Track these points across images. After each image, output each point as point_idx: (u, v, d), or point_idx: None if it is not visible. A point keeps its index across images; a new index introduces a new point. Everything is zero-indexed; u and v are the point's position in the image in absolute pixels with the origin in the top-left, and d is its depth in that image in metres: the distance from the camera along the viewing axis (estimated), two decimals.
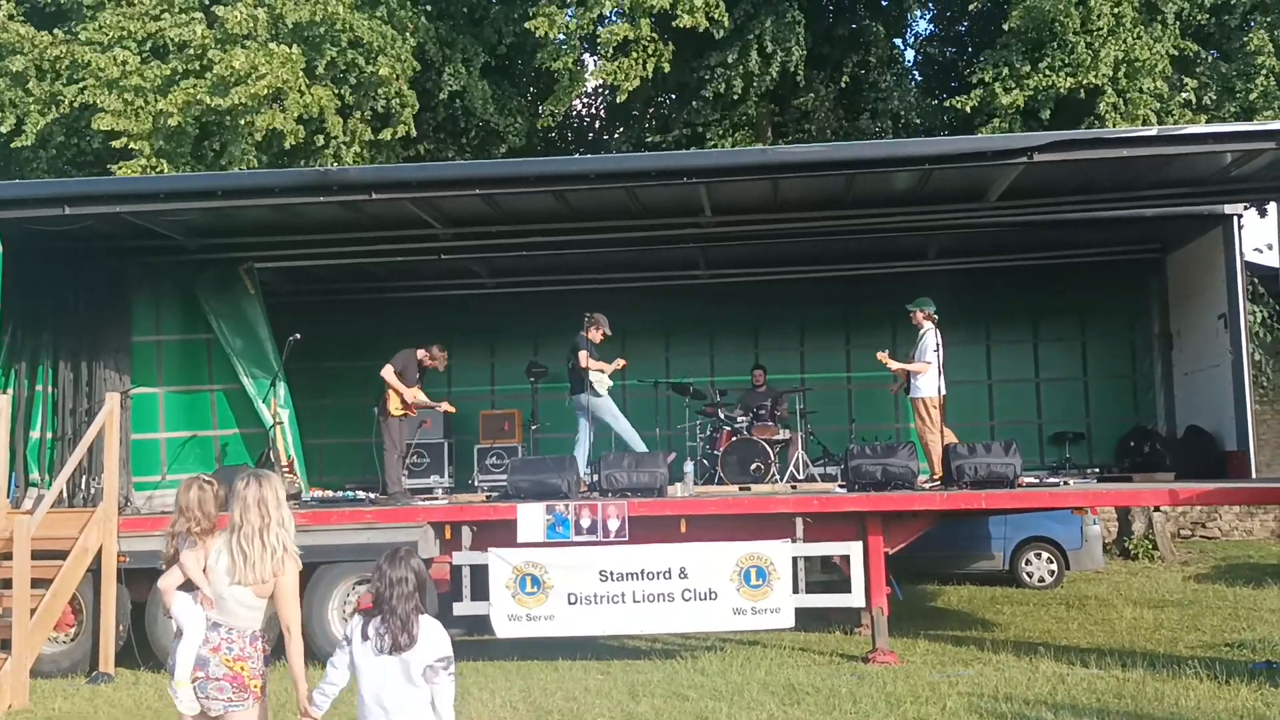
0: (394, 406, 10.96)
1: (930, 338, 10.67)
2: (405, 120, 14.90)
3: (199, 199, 10.45)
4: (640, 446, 11.41)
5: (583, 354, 11.34)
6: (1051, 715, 7.03)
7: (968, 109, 14.13)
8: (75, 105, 14.13)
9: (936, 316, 10.84)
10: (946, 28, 18.39)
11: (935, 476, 10.47)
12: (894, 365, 10.90)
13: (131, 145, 13.87)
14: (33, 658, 8.75)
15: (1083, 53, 13.41)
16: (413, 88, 15.04)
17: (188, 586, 4.99)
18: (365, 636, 4.45)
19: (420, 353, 11.21)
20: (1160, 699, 7.47)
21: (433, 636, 4.47)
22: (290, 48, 13.64)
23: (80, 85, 14.04)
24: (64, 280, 11.76)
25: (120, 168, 14.13)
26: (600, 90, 17.83)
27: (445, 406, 11.82)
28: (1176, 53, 13.81)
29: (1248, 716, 6.94)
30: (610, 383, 11.58)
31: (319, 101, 13.88)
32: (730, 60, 14.72)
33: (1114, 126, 13.30)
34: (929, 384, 10.64)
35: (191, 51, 13.99)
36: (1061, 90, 13.53)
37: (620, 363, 11.68)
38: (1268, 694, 7.50)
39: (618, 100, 14.84)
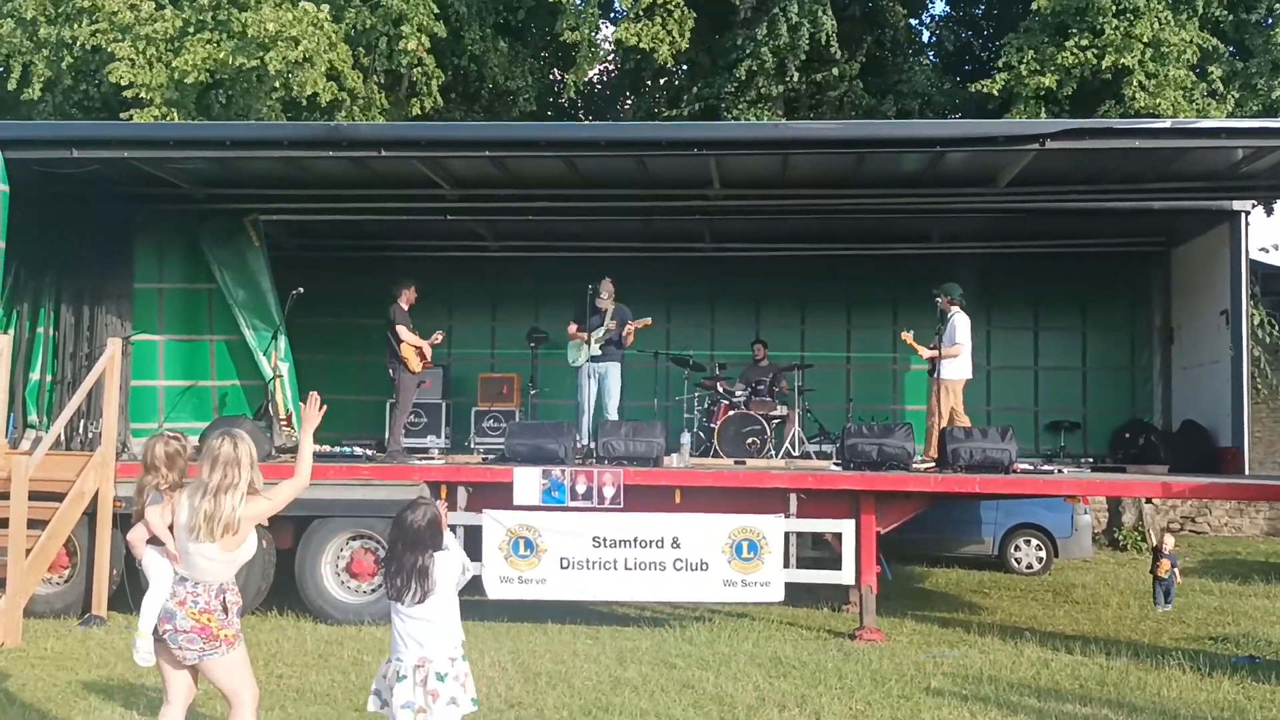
0: (415, 364, 11.05)
1: (959, 322, 10.83)
2: (431, 93, 14.81)
3: (207, 148, 10.45)
4: (585, 424, 11.60)
5: (571, 328, 11.59)
6: (1035, 699, 7.09)
7: (994, 92, 14.01)
8: (88, 47, 14.04)
9: (964, 301, 11.03)
10: (964, 10, 18.29)
11: (929, 456, 10.54)
12: (925, 353, 11.02)
13: (142, 95, 13.80)
14: (26, 598, 8.80)
15: (1111, 34, 13.31)
16: (432, 53, 14.93)
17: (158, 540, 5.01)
18: (388, 584, 4.70)
19: (403, 302, 11.24)
20: (1143, 688, 7.53)
21: (445, 564, 4.74)
22: (318, 8, 13.54)
23: (94, 28, 13.93)
24: (69, 224, 11.75)
25: (130, 115, 14.06)
26: (615, 55, 17.72)
27: (438, 337, 11.78)
28: (1201, 44, 13.74)
29: (1228, 709, 7.00)
30: (585, 354, 11.67)
31: (341, 58, 13.81)
32: (760, 36, 14.58)
33: (1140, 109, 13.23)
34: (954, 368, 10.79)
35: (204, 2, 13.90)
36: (1091, 67, 13.41)
37: (577, 331, 11.75)
38: (1249, 688, 7.57)
39: (659, 62, 14.71)
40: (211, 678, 4.81)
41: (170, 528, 4.84)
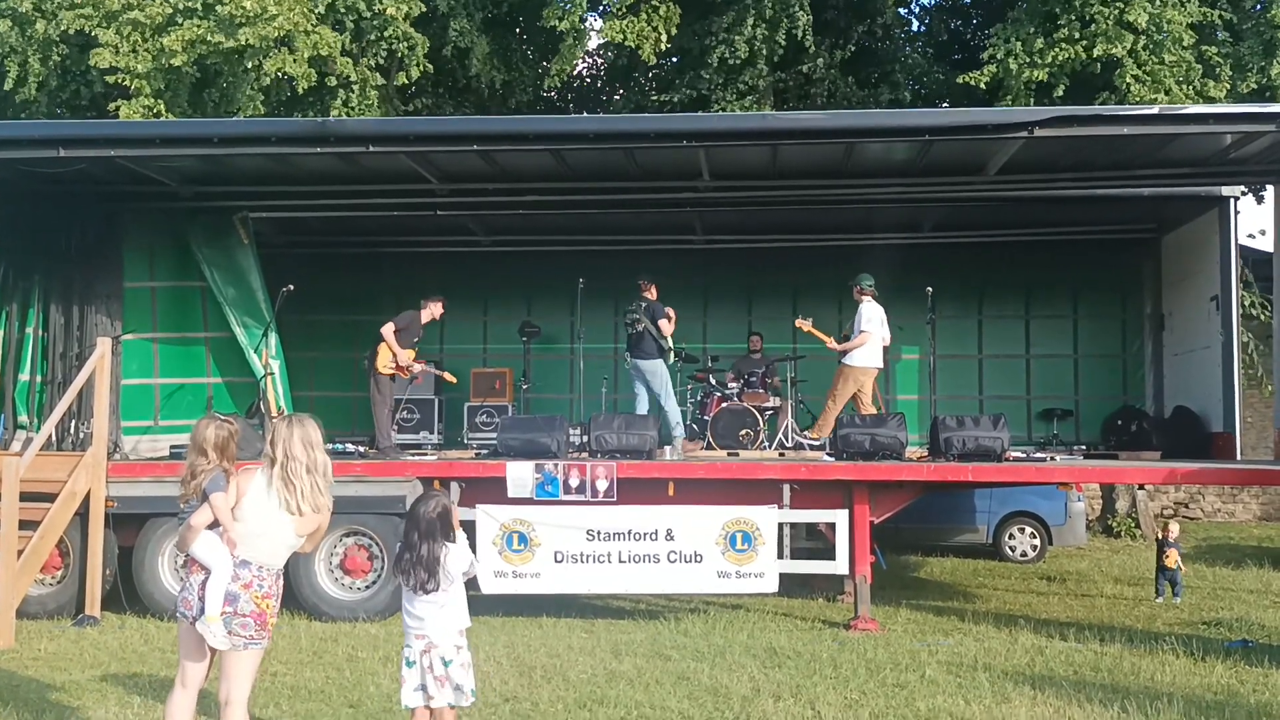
0: (383, 364, 10.95)
1: (867, 310, 11.27)
2: (418, 62, 14.68)
3: (194, 145, 10.38)
4: (677, 419, 11.63)
5: (664, 322, 11.52)
6: (1029, 687, 7.10)
7: (980, 85, 13.96)
8: (72, 33, 13.98)
9: (874, 291, 11.50)
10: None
11: (813, 436, 11.37)
12: (831, 344, 11.54)
13: (130, 83, 13.71)
14: (19, 599, 8.80)
15: (1103, 23, 13.24)
16: (414, 28, 14.83)
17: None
18: (401, 573, 5.06)
19: (424, 313, 11.23)
20: (1136, 673, 7.55)
21: (456, 555, 5.05)
22: None
23: (78, 12, 13.85)
24: (57, 223, 11.67)
25: (119, 105, 13.98)
26: (602, 50, 17.67)
27: (447, 376, 12.01)
28: (1199, 22, 13.67)
29: (1222, 692, 7.03)
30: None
31: (327, 42, 13.72)
32: (730, 25, 14.54)
33: (1136, 97, 13.17)
34: (859, 355, 11.27)
35: None
36: (1082, 61, 13.34)
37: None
38: (1242, 671, 7.60)
39: (643, 59, 14.67)
40: (231, 668, 4.84)
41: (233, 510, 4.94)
